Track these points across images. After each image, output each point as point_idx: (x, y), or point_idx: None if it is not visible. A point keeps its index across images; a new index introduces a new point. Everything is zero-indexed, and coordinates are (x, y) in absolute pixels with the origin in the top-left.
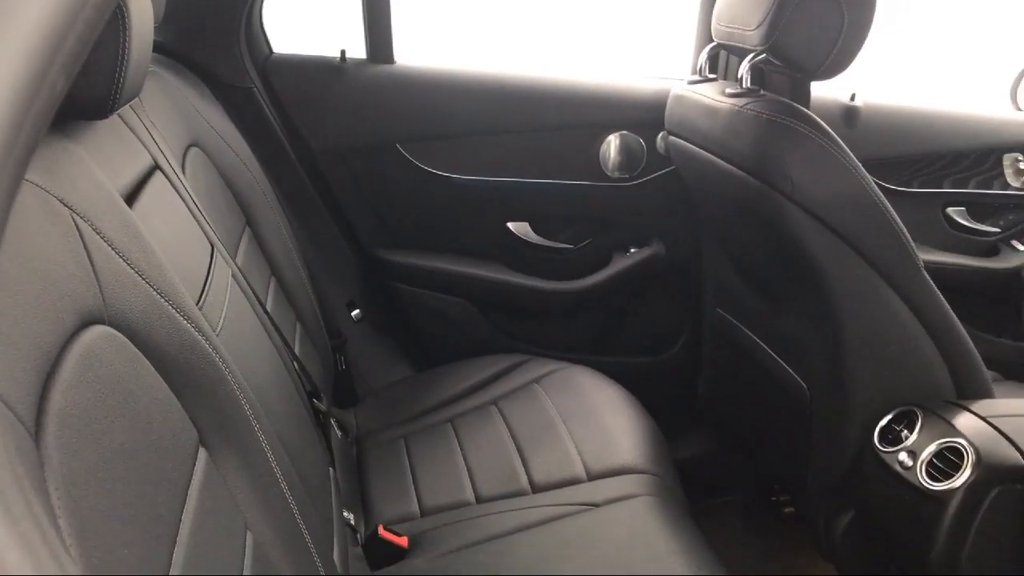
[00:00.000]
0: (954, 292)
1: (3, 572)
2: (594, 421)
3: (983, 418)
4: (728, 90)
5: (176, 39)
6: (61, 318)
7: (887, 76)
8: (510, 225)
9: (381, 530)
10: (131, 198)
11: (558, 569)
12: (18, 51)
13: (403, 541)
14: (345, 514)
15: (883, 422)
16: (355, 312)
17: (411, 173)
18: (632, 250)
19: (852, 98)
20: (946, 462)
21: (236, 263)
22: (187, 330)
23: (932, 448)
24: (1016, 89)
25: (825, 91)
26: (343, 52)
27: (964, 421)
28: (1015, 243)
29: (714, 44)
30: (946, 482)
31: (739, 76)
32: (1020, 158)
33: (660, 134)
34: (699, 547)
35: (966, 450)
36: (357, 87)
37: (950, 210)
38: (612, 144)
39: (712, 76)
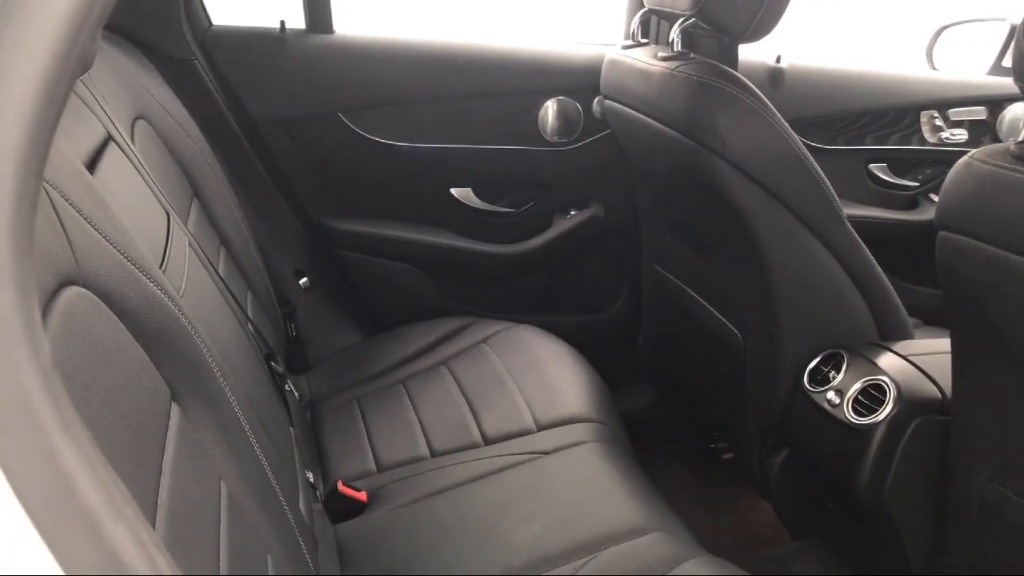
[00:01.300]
0: (878, 244)
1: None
2: (541, 375)
3: (903, 357)
4: (660, 54)
5: (117, 13)
6: (41, 278)
7: (811, 39)
8: (453, 191)
9: (340, 485)
10: (90, 168)
11: (513, 514)
12: (57, 18)
13: (362, 495)
14: (305, 473)
15: (812, 364)
16: (303, 280)
17: (354, 142)
18: (572, 212)
19: (777, 60)
20: (870, 398)
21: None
22: (154, 293)
23: (857, 386)
24: (931, 50)
25: (752, 54)
26: (282, 23)
27: (886, 360)
28: (933, 196)
29: (645, 10)
30: (870, 416)
31: (670, 40)
32: (936, 115)
33: (596, 99)
34: (644, 488)
35: (888, 386)
36: (297, 57)
37: (872, 166)
38: (550, 109)
39: (644, 41)
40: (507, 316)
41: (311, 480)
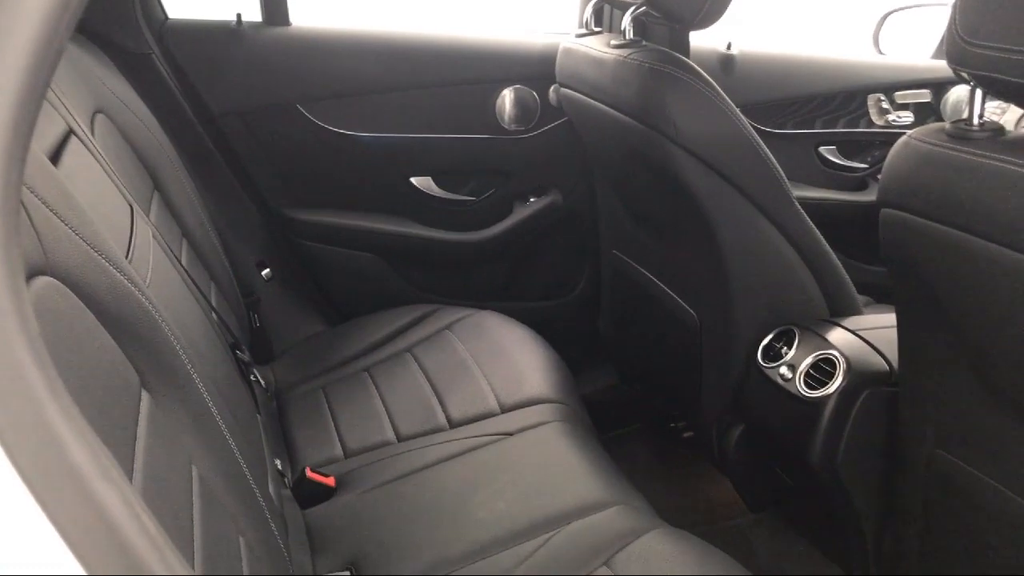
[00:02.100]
0: (828, 224)
1: None
2: (504, 359)
3: (852, 331)
4: (613, 42)
5: None
6: None
7: (761, 25)
8: (413, 180)
9: (308, 472)
10: (53, 161)
11: (479, 493)
12: (32, 18)
13: (330, 481)
14: (274, 460)
15: (765, 341)
16: (265, 271)
17: (313, 132)
18: (531, 199)
19: (728, 47)
20: (821, 372)
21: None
22: (122, 282)
23: (809, 360)
24: (877, 34)
25: (703, 41)
26: (239, 16)
27: (836, 335)
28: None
29: None
30: (822, 389)
31: (622, 28)
32: (883, 98)
33: (552, 87)
34: (606, 464)
35: (838, 360)
36: (255, 50)
37: (822, 149)
38: (507, 98)
39: (598, 29)
40: (469, 303)
41: (279, 467)
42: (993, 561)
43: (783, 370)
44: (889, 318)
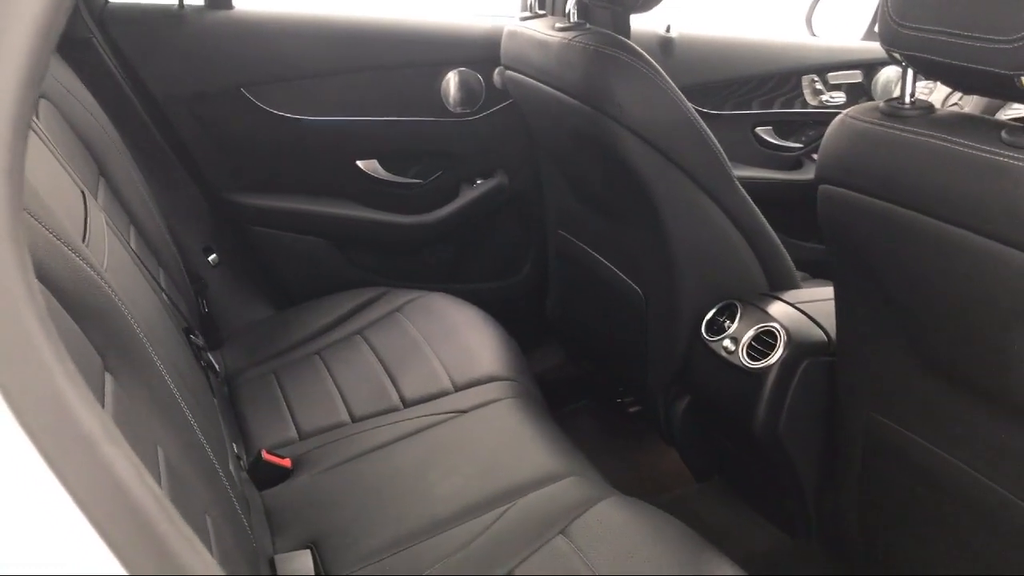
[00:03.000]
0: (766, 203)
1: None
2: (455, 339)
3: (792, 304)
4: (558, 25)
5: None
6: None
7: (699, 8)
8: (360, 163)
9: (264, 453)
10: None
11: (436, 469)
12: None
13: (286, 462)
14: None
15: (709, 315)
16: (212, 256)
17: (258, 117)
18: (478, 181)
19: (668, 30)
20: (763, 344)
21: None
22: (81, 267)
23: (751, 333)
24: (810, 17)
25: (643, 24)
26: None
27: (776, 308)
28: (815, 156)
29: None
30: (763, 360)
31: (566, 12)
32: (816, 79)
33: (497, 69)
34: (558, 438)
35: (779, 332)
36: (197, 33)
37: (758, 129)
38: (452, 81)
39: (542, 12)
40: (418, 285)
41: (235, 451)
42: (925, 515)
43: (726, 343)
44: (826, 291)
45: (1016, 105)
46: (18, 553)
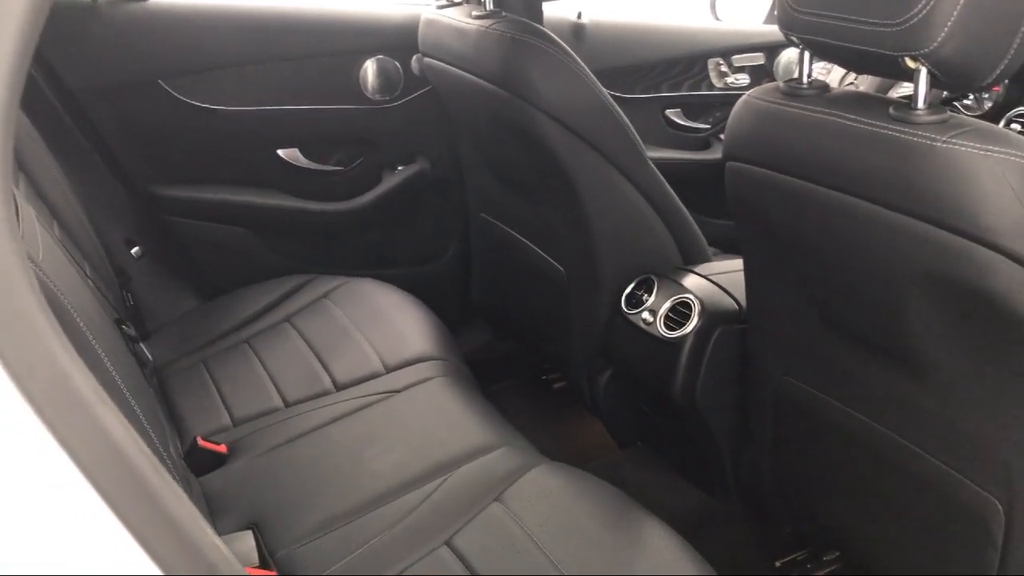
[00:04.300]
0: (677, 182)
1: None
2: (384, 323)
3: (705, 277)
4: (474, 13)
5: None
6: None
7: None
8: (280, 152)
9: (200, 440)
10: None
11: (372, 447)
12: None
13: (222, 448)
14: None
15: (628, 290)
16: (135, 249)
17: (176, 108)
18: (400, 168)
19: (579, 16)
20: (679, 315)
21: None
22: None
23: (667, 305)
24: (714, 3)
25: (555, 11)
26: None
27: (690, 281)
28: (722, 136)
29: None
30: (680, 330)
31: (482, 0)
32: (721, 62)
33: (414, 56)
34: (490, 412)
35: (693, 303)
36: (112, 25)
37: (668, 111)
38: (369, 69)
39: (458, 1)
40: (343, 272)
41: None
42: (835, 468)
43: (645, 315)
44: (736, 264)
45: (906, 84)
46: (20, 511)
